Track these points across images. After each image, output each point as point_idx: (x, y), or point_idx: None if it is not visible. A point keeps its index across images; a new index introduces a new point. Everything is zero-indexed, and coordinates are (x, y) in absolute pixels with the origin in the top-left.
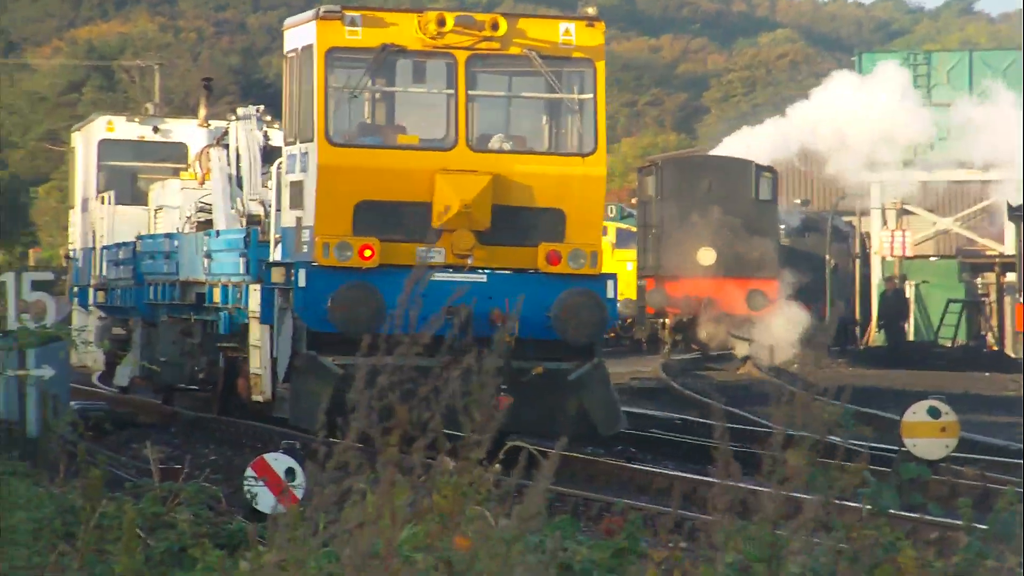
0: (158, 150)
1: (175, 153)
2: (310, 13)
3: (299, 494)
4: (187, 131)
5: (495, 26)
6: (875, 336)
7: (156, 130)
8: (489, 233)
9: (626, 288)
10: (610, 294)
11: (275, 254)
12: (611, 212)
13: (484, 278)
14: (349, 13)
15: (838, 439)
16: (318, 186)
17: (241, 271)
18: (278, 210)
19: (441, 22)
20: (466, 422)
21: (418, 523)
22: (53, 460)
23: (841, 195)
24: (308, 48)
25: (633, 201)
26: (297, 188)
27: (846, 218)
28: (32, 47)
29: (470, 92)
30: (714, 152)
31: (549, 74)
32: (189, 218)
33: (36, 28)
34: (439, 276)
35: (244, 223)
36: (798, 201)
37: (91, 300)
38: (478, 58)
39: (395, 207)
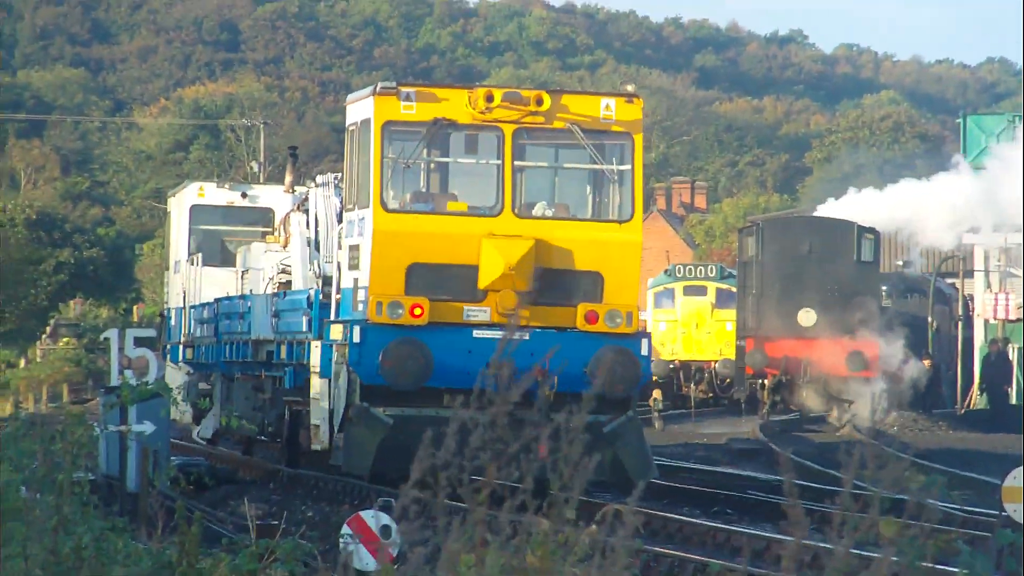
0: (246, 215)
1: (262, 217)
2: (368, 90)
3: (394, 552)
4: (273, 196)
5: (539, 101)
6: (977, 399)
7: (244, 196)
8: (532, 294)
9: (726, 348)
10: (644, 351)
11: (335, 313)
12: (711, 272)
13: (527, 336)
14: (404, 89)
15: (935, 503)
16: (373, 249)
17: (304, 329)
18: (338, 272)
19: (489, 98)
20: (554, 479)
21: None
22: (152, 515)
23: (945, 256)
24: (366, 121)
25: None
26: (355, 251)
27: (949, 280)
28: (140, 106)
29: (516, 163)
30: (816, 213)
31: (590, 146)
32: (272, 279)
33: (144, 88)
34: (484, 334)
35: (320, 284)
36: (900, 263)
37: (180, 357)
38: (524, 131)
39: (444, 269)
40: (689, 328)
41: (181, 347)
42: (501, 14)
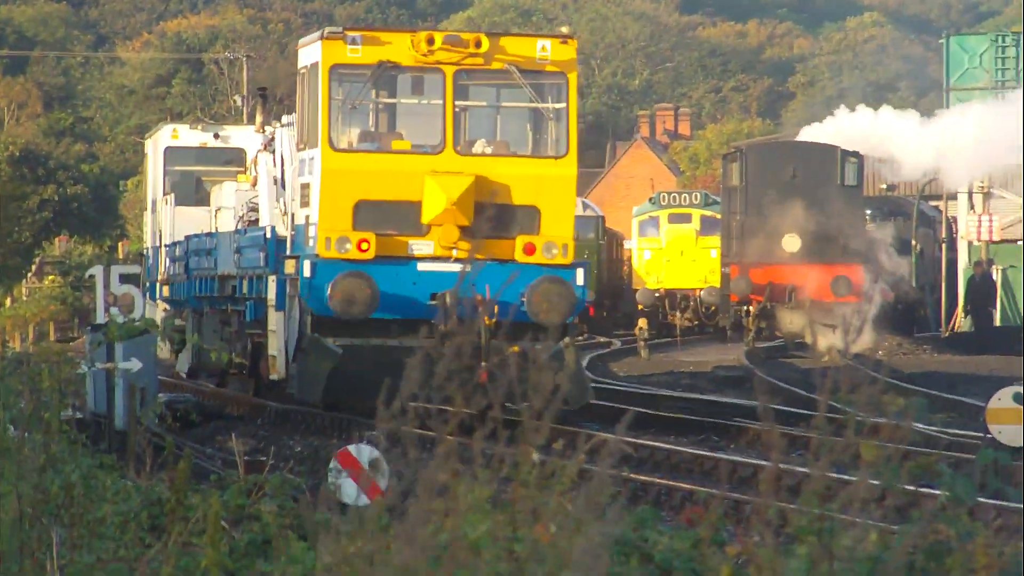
0: (219, 155)
1: (235, 158)
2: (317, 34)
3: (383, 485)
4: (245, 137)
5: (479, 44)
6: (961, 322)
7: (217, 136)
8: (472, 227)
9: (711, 276)
10: (580, 282)
11: (289, 249)
12: (695, 199)
13: (468, 268)
14: (351, 33)
15: (918, 425)
16: (321, 187)
17: (261, 264)
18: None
19: (431, 41)
20: (525, 408)
21: (499, 515)
22: (140, 453)
23: (928, 178)
24: (315, 65)
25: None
26: (305, 189)
27: (932, 203)
28: (122, 40)
29: (457, 103)
30: (799, 137)
31: (527, 86)
32: (242, 218)
33: (126, 22)
34: (428, 267)
35: (287, 221)
36: (884, 186)
37: (158, 294)
38: (464, 72)
39: (389, 205)
40: (674, 256)
41: (158, 285)
42: None
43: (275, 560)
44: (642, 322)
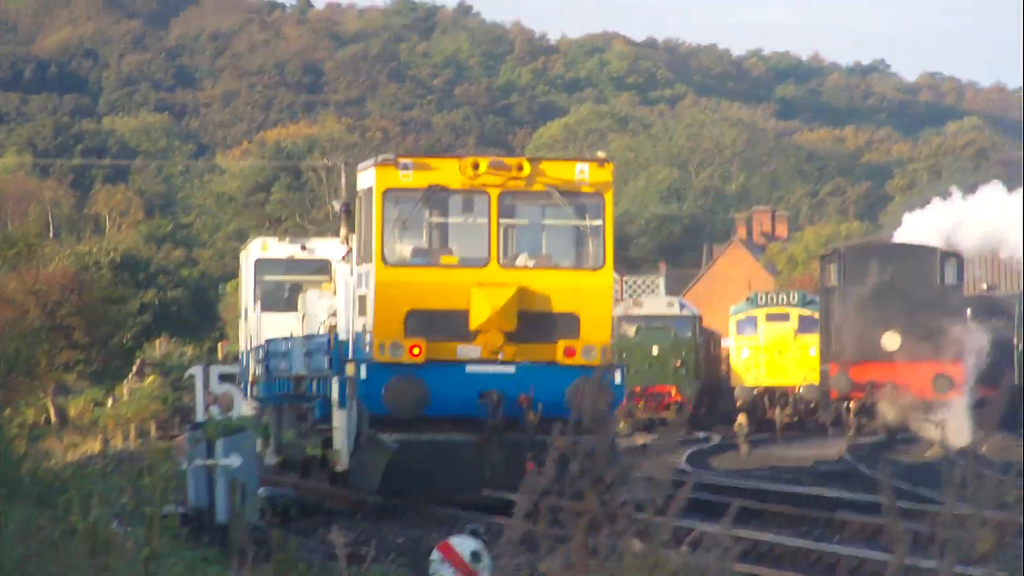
0: (306, 265)
1: (321, 267)
2: (371, 160)
3: None
4: (330, 248)
5: (520, 168)
6: None
7: (303, 248)
8: (516, 333)
9: (810, 373)
10: (617, 381)
11: (352, 354)
12: (793, 299)
13: (512, 369)
14: (403, 160)
15: None
16: (375, 298)
17: (326, 366)
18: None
19: (476, 166)
20: (649, 504)
21: None
22: (242, 546)
23: None
24: (369, 188)
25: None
26: (362, 300)
27: None
28: (223, 149)
29: (501, 221)
30: (895, 236)
31: (566, 205)
32: (323, 322)
33: (226, 132)
34: (475, 368)
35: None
36: (985, 286)
37: (249, 394)
38: (508, 194)
39: (439, 314)
40: (772, 354)
41: (249, 385)
42: (582, 50)
43: None
44: (741, 418)
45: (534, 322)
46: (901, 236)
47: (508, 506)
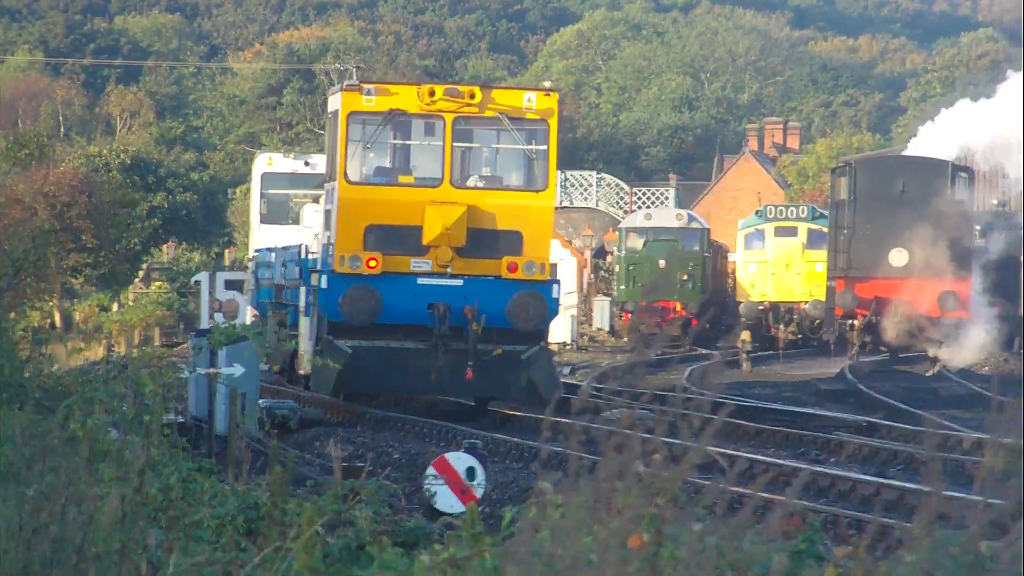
0: (309, 180)
1: (322, 183)
2: (338, 86)
3: (479, 493)
4: None
5: (473, 95)
6: None
7: (307, 163)
8: (464, 249)
9: (816, 289)
10: (555, 295)
11: (320, 265)
12: (803, 212)
13: (460, 282)
14: (366, 86)
15: None
16: (338, 213)
17: (297, 276)
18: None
19: (432, 92)
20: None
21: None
22: (239, 457)
23: None
24: (336, 112)
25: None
26: (328, 215)
27: None
28: (233, 51)
29: (455, 144)
30: (908, 148)
31: (515, 131)
32: (317, 235)
33: (238, 33)
34: (426, 281)
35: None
36: (994, 201)
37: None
38: (462, 119)
39: (395, 229)
40: (779, 269)
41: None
42: None
43: (368, 566)
44: (745, 335)
45: (481, 239)
46: (915, 149)
47: (506, 422)
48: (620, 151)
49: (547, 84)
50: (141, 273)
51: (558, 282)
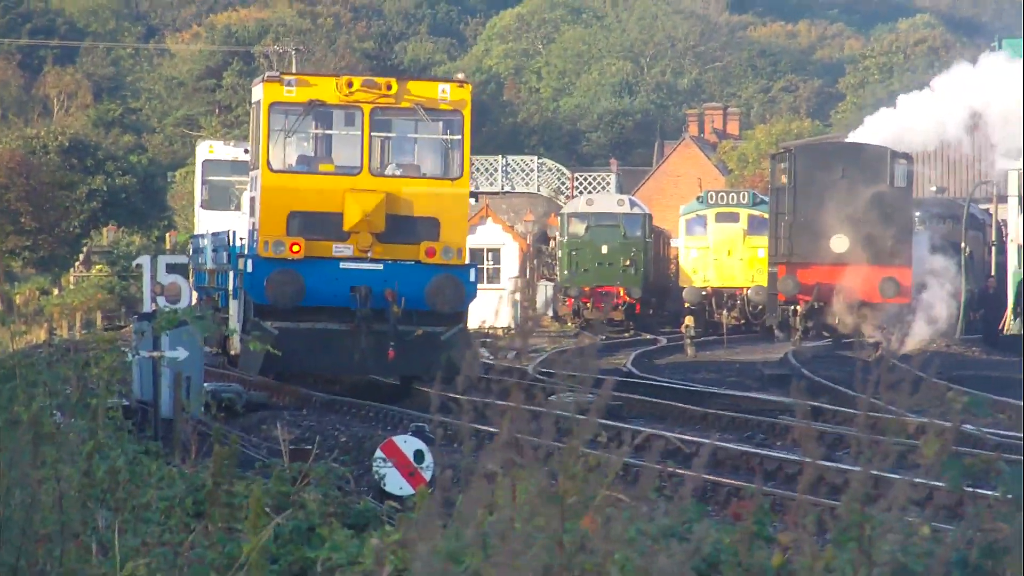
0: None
1: None
2: (260, 77)
3: (427, 475)
4: None
5: (389, 87)
6: (1011, 324)
7: (246, 152)
8: (384, 234)
9: (758, 275)
10: (472, 279)
11: (247, 250)
12: (743, 198)
13: (381, 267)
14: (287, 77)
15: (972, 427)
16: (261, 200)
17: (225, 261)
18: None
19: (350, 84)
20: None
21: (543, 506)
22: (185, 440)
23: (980, 181)
24: (258, 102)
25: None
26: (253, 202)
27: (982, 205)
28: (172, 32)
29: (373, 134)
30: (851, 137)
31: (429, 121)
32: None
33: (176, 14)
34: (348, 265)
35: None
36: (934, 188)
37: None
38: (379, 109)
39: (317, 216)
40: (721, 255)
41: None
42: None
43: (318, 547)
44: (688, 320)
45: (400, 225)
46: (856, 137)
47: (455, 405)
48: (560, 136)
49: (460, 76)
50: (81, 256)
51: (475, 266)
